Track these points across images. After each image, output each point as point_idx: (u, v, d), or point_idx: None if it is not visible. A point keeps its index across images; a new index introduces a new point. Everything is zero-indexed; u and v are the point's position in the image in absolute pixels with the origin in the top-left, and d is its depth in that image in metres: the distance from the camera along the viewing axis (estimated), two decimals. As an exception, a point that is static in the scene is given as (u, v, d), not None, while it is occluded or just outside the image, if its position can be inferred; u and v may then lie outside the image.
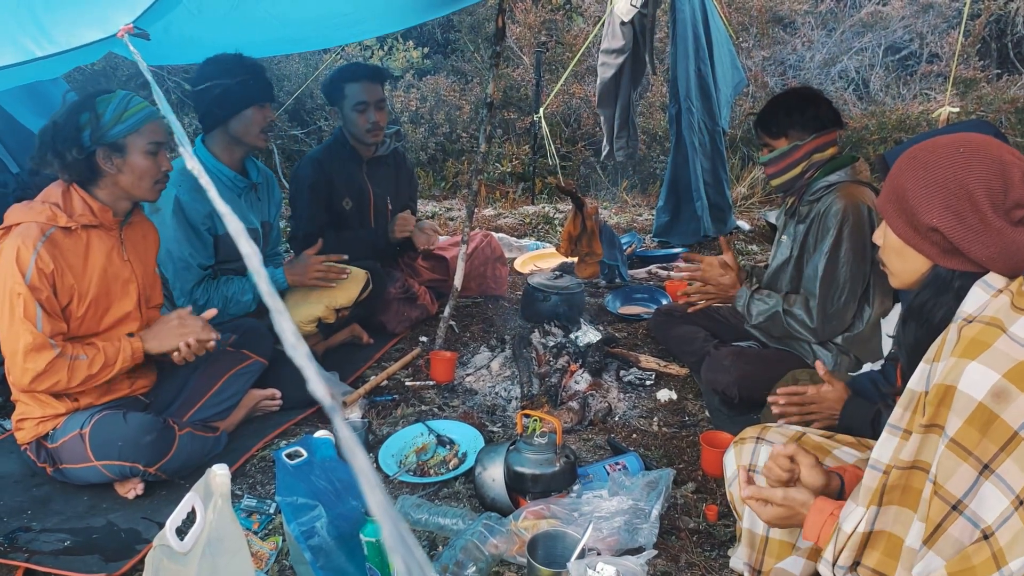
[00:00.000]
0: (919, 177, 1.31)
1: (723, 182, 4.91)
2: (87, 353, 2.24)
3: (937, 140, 1.33)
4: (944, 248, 1.31)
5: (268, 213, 3.22)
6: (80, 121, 2.20)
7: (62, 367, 2.19)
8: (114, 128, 2.22)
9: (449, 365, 3.14)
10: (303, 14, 3.04)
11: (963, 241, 1.27)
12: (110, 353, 2.28)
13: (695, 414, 2.88)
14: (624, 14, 4.65)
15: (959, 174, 1.27)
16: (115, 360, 2.28)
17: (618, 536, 2.02)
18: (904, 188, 1.33)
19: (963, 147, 1.29)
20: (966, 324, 1.19)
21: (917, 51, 7.56)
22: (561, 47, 8.18)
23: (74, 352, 2.22)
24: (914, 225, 1.33)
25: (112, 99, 2.23)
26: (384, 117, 3.45)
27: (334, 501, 1.94)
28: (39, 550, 2.12)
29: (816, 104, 2.54)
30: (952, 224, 1.27)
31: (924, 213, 1.30)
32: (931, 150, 1.32)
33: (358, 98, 3.37)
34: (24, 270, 2.12)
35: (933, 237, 1.31)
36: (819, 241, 2.51)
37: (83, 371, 2.23)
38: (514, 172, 7.15)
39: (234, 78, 2.85)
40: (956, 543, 1.14)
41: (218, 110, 2.88)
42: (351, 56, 7.89)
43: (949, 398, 1.15)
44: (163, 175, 2.36)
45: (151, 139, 2.28)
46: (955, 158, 1.28)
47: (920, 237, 1.33)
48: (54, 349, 2.17)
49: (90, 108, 2.21)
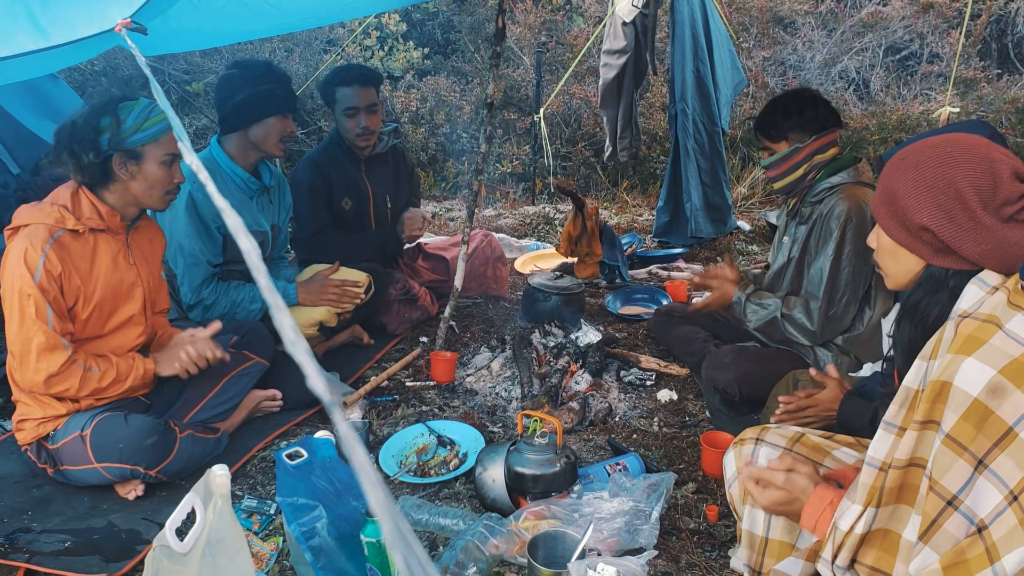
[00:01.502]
0: (909, 177, 1.33)
1: (722, 182, 4.91)
2: (100, 366, 2.27)
3: (926, 141, 1.35)
4: (936, 247, 1.32)
5: (278, 216, 3.23)
6: (100, 125, 2.21)
7: (75, 374, 2.21)
8: (133, 136, 2.23)
9: (449, 365, 3.14)
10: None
11: (954, 239, 1.28)
12: (123, 370, 2.31)
13: (695, 414, 2.88)
14: (626, 14, 4.65)
15: (948, 173, 1.28)
16: (126, 377, 2.32)
17: (619, 537, 2.03)
18: (894, 189, 1.35)
19: (951, 146, 1.30)
20: (962, 321, 1.19)
21: (917, 51, 7.55)
22: (561, 47, 8.18)
23: (88, 363, 2.24)
24: (905, 225, 1.34)
25: (135, 107, 2.24)
26: (375, 121, 3.43)
27: (335, 502, 1.94)
28: (40, 551, 2.12)
29: (815, 105, 2.53)
30: (942, 223, 1.28)
31: (914, 213, 1.31)
32: (920, 151, 1.34)
33: (348, 103, 3.36)
34: (33, 271, 2.13)
35: (924, 236, 1.32)
36: (822, 243, 2.51)
37: (93, 383, 2.26)
38: (514, 172, 7.15)
39: (260, 86, 2.84)
40: (952, 538, 1.14)
41: (241, 115, 2.88)
42: (351, 56, 7.90)
43: (945, 394, 1.15)
44: (175, 186, 2.38)
45: (168, 150, 2.29)
46: (943, 157, 1.29)
47: (912, 237, 1.34)
48: (67, 349, 2.18)
49: (112, 113, 2.22)
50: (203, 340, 2.42)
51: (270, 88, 2.86)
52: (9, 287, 2.15)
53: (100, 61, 7.02)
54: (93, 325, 2.31)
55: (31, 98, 3.89)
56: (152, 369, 2.37)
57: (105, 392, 2.30)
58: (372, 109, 3.40)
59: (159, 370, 2.39)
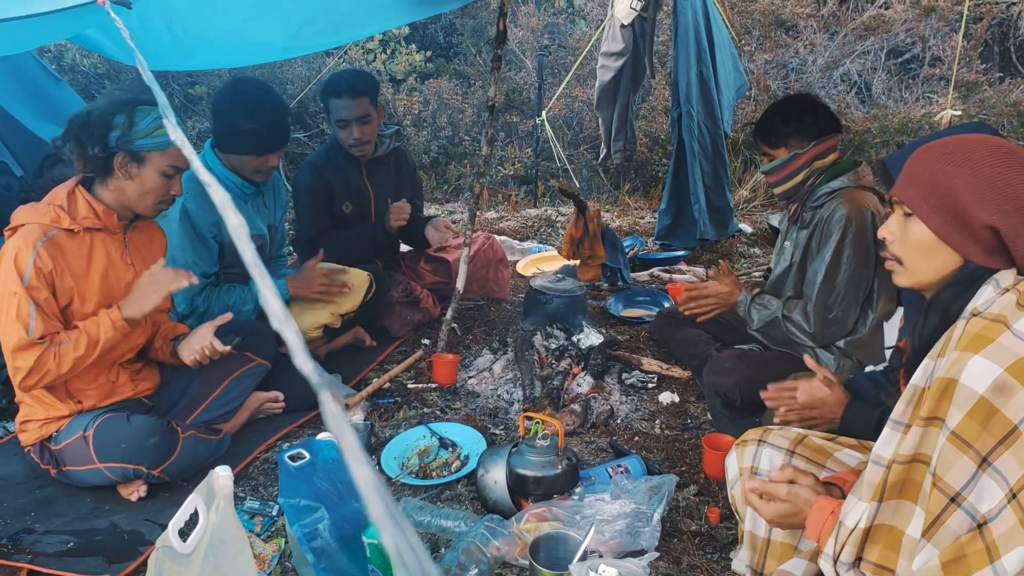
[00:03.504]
0: (967, 174, 1.29)
1: (724, 185, 4.92)
2: (70, 336, 2.21)
3: (967, 138, 1.32)
4: (990, 247, 1.28)
5: (274, 217, 3.23)
6: (113, 121, 2.22)
7: (48, 356, 2.16)
8: (142, 139, 2.23)
9: (451, 368, 3.14)
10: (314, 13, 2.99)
11: (1018, 239, 1.25)
12: (91, 330, 2.23)
13: (697, 417, 2.88)
14: (624, 17, 4.66)
15: (1007, 173, 1.26)
16: (97, 334, 2.23)
17: (620, 538, 2.03)
18: (951, 185, 1.30)
19: (1003, 147, 1.29)
20: (971, 319, 1.19)
21: (919, 54, 7.55)
22: (563, 50, 8.20)
23: (57, 340, 2.19)
24: (963, 223, 1.30)
25: (151, 112, 2.25)
26: (368, 132, 3.39)
27: (336, 503, 1.95)
28: (42, 551, 2.13)
29: (814, 111, 2.53)
30: (1008, 223, 1.25)
31: (979, 212, 1.27)
32: (971, 148, 1.31)
33: (339, 115, 3.34)
34: (22, 271, 2.12)
35: (984, 236, 1.28)
36: (821, 246, 2.51)
37: (70, 354, 2.19)
38: (516, 175, 7.16)
39: (242, 124, 2.79)
40: (954, 535, 1.14)
41: (219, 141, 2.87)
42: (353, 60, 7.91)
43: (951, 391, 1.15)
44: (170, 197, 2.37)
45: (172, 162, 2.29)
46: (998, 157, 1.28)
47: (966, 236, 1.30)
48: (40, 346, 2.16)
49: (127, 112, 2.23)
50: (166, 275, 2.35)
51: (250, 129, 2.79)
52: (2, 288, 2.16)
53: (103, 64, 7.04)
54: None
55: (34, 100, 3.90)
56: (119, 315, 2.27)
57: (86, 358, 2.21)
58: (364, 120, 3.36)
59: (127, 313, 2.27)
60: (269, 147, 2.87)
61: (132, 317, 2.28)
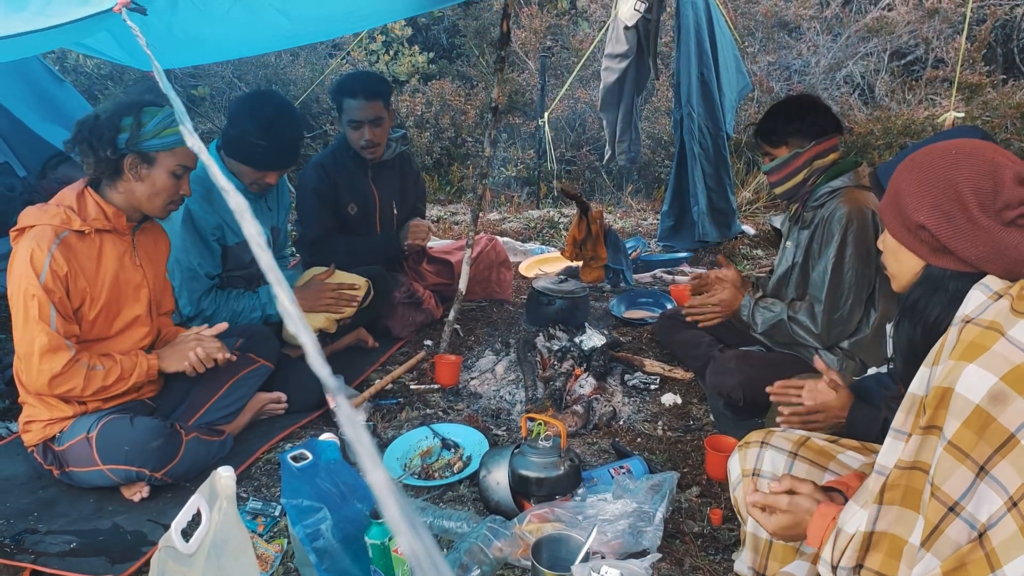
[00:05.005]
0: (912, 178, 1.35)
1: (727, 187, 4.92)
2: (104, 364, 2.27)
3: (935, 144, 1.37)
4: (934, 247, 1.33)
5: (277, 219, 3.24)
6: (121, 123, 2.23)
7: (79, 373, 2.21)
8: (150, 140, 2.25)
9: (454, 369, 3.15)
10: (307, 9, 3.00)
11: (951, 239, 1.29)
12: (126, 367, 2.31)
13: (699, 418, 2.87)
14: (627, 19, 4.66)
15: (949, 174, 1.29)
16: (130, 374, 2.32)
17: (622, 539, 2.03)
18: (899, 189, 1.37)
19: (956, 149, 1.32)
20: (965, 326, 1.20)
21: (923, 56, 7.54)
22: (566, 52, 8.20)
23: (92, 362, 2.25)
24: (906, 224, 1.36)
25: (159, 113, 2.26)
26: (379, 134, 3.40)
27: (339, 504, 1.95)
28: (45, 552, 2.13)
29: (815, 111, 2.54)
30: (939, 222, 1.29)
31: (913, 211, 1.33)
32: (927, 153, 1.36)
33: (352, 115, 3.34)
34: (39, 272, 2.14)
35: (923, 235, 1.33)
36: (823, 247, 2.51)
37: (98, 382, 2.26)
38: (519, 176, 7.16)
39: (253, 138, 2.79)
40: (954, 544, 1.14)
41: (232, 147, 2.87)
42: (357, 61, 7.92)
43: (947, 400, 1.16)
44: (179, 197, 2.39)
45: (181, 162, 2.31)
46: (946, 159, 1.31)
47: (911, 236, 1.35)
48: (70, 350, 2.19)
49: (135, 114, 2.24)
50: (211, 341, 2.43)
51: (260, 144, 2.79)
52: (15, 289, 2.16)
53: (107, 65, 7.05)
54: (100, 326, 2.32)
55: (37, 102, 3.91)
56: (156, 365, 2.37)
57: (110, 390, 2.30)
58: (377, 122, 3.36)
59: (163, 366, 2.38)
60: (271, 165, 2.89)
61: (167, 370, 2.40)
